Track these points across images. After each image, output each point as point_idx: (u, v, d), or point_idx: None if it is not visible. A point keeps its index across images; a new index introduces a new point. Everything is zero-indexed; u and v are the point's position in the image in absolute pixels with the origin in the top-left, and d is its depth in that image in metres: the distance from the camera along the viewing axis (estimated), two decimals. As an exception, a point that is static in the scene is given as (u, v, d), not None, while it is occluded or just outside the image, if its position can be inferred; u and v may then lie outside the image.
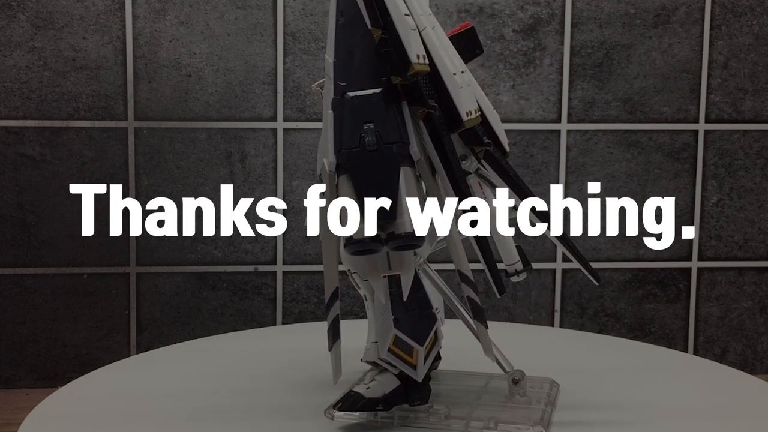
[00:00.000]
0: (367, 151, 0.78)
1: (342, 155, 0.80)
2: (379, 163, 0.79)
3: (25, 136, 2.12)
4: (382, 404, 0.85)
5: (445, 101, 0.82)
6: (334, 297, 0.84)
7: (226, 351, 1.20)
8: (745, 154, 2.30)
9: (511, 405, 0.88)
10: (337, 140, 0.80)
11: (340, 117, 0.81)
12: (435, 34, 0.84)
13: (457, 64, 0.85)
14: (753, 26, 2.27)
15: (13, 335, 2.16)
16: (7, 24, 2.09)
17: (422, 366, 0.84)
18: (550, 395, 0.91)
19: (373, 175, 0.79)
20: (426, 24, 0.83)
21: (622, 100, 2.26)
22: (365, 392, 0.85)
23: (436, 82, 0.83)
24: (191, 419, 0.91)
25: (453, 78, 0.83)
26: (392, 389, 0.85)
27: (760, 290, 2.34)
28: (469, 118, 0.83)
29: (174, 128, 2.15)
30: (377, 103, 0.79)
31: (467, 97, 0.84)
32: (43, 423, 0.90)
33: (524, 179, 0.90)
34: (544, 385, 0.94)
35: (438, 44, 0.83)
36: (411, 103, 0.81)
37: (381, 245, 0.78)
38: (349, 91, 0.81)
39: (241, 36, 2.15)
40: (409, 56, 0.78)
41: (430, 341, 0.85)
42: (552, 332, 1.64)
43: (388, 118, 0.79)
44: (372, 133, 0.78)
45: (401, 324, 0.84)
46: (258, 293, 2.21)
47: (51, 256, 2.15)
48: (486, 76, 2.21)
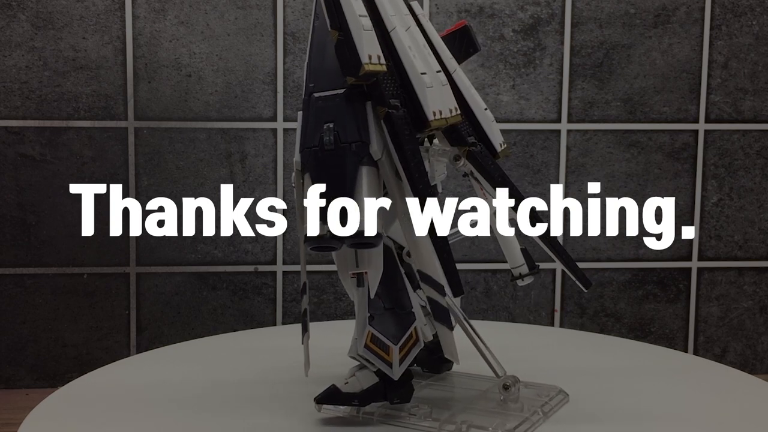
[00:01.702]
0: (325, 150, 0.80)
1: (305, 154, 0.82)
2: (335, 162, 0.80)
3: (25, 136, 2.12)
4: (358, 399, 0.86)
5: (412, 101, 0.83)
6: (302, 292, 0.87)
7: (225, 351, 1.20)
8: (745, 154, 2.30)
9: (500, 411, 0.87)
10: (301, 139, 0.83)
11: (306, 117, 0.83)
12: (409, 35, 0.84)
13: (431, 64, 0.85)
14: (753, 26, 2.27)
15: (13, 335, 2.16)
16: (7, 24, 2.09)
17: (398, 364, 0.84)
18: (547, 405, 0.89)
19: (330, 174, 0.80)
20: (396, 24, 0.84)
21: (622, 100, 2.26)
22: (343, 387, 0.87)
23: (405, 81, 0.83)
24: (191, 419, 0.91)
25: (420, 78, 0.82)
26: (370, 385, 0.86)
27: (760, 290, 2.34)
28: (436, 118, 0.83)
29: (174, 128, 2.15)
30: (338, 104, 0.81)
31: (435, 97, 0.83)
32: (43, 423, 0.90)
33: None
34: (550, 393, 0.92)
35: (407, 44, 0.83)
36: (374, 103, 0.82)
37: (340, 243, 0.79)
38: (315, 91, 0.83)
39: (241, 36, 2.15)
40: (360, 57, 0.78)
41: (408, 340, 0.85)
42: (552, 332, 1.64)
43: (348, 117, 0.80)
44: (330, 133, 0.80)
45: (376, 321, 0.85)
46: (258, 293, 2.20)
47: (51, 256, 2.15)
48: (486, 76, 2.21)
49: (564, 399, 0.92)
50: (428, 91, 0.82)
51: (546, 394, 0.92)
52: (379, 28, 0.83)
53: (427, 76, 0.83)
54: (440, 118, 0.83)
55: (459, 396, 0.93)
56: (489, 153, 0.89)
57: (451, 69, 0.90)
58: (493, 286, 2.27)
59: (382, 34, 0.83)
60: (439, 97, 0.84)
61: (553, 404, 0.90)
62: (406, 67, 0.83)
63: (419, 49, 0.85)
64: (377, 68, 0.79)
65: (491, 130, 0.90)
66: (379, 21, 0.83)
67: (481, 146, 0.89)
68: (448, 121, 0.84)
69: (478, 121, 0.89)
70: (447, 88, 0.85)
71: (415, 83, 0.82)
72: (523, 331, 1.42)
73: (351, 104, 0.81)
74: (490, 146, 0.89)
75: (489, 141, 0.90)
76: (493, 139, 0.90)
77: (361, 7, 0.80)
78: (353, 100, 0.81)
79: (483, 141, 0.89)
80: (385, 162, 0.82)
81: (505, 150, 0.92)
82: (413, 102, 0.82)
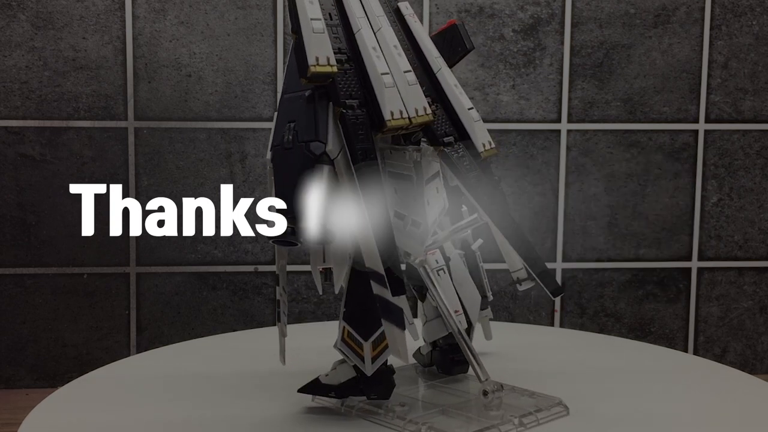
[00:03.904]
0: (285, 148, 0.83)
1: (272, 152, 0.86)
2: (293, 160, 0.83)
3: (25, 136, 2.12)
4: (335, 392, 0.89)
5: (373, 101, 0.84)
6: (277, 283, 0.91)
7: (225, 351, 1.20)
8: (745, 154, 2.30)
9: (475, 417, 0.86)
10: (272, 139, 0.86)
11: (277, 117, 0.86)
12: (379, 36, 0.85)
13: (399, 64, 0.85)
14: (753, 26, 2.27)
15: (13, 335, 2.16)
16: (7, 24, 2.09)
17: (370, 360, 0.86)
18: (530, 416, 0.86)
19: (287, 171, 0.83)
20: (362, 26, 0.85)
21: (622, 100, 2.26)
22: (323, 378, 0.90)
23: (366, 82, 0.84)
24: (191, 418, 0.91)
25: (380, 78, 0.83)
26: (347, 379, 0.89)
27: (760, 290, 2.34)
28: (394, 118, 0.83)
29: (174, 128, 2.15)
30: (301, 104, 0.84)
31: (394, 98, 0.83)
32: (43, 423, 0.91)
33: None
34: (546, 405, 0.90)
35: (371, 45, 0.84)
36: (334, 103, 0.83)
37: (297, 239, 0.82)
38: (286, 92, 0.86)
39: (241, 36, 2.15)
40: (308, 59, 0.80)
41: (383, 338, 0.85)
42: (552, 332, 1.64)
43: (307, 117, 0.83)
44: (290, 132, 0.83)
45: (352, 317, 0.87)
46: (258, 293, 2.20)
47: (51, 256, 2.15)
48: (486, 76, 2.21)
49: (561, 412, 0.89)
50: (386, 92, 0.83)
51: (541, 405, 0.89)
52: (347, 31, 0.85)
53: (388, 77, 0.83)
54: (400, 118, 0.83)
55: (453, 399, 0.93)
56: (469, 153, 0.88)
57: (435, 68, 0.89)
58: (493, 287, 2.27)
59: (348, 36, 0.84)
60: (402, 98, 0.84)
61: (541, 416, 0.88)
62: (367, 67, 0.84)
63: (388, 49, 0.85)
64: (325, 70, 0.81)
65: (473, 129, 0.88)
66: (347, 23, 0.85)
67: (461, 146, 0.87)
68: (412, 121, 0.84)
69: (460, 120, 0.88)
70: (415, 88, 0.85)
71: (375, 84, 0.83)
72: (523, 331, 1.42)
73: (312, 104, 0.83)
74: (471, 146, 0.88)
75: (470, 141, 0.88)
76: (475, 139, 0.88)
77: (316, 11, 0.82)
78: (316, 100, 0.83)
79: (465, 141, 0.88)
80: (340, 161, 0.82)
81: (490, 151, 0.90)
82: (374, 102, 0.83)
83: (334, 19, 0.85)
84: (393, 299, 0.81)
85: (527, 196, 2.25)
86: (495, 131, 2.22)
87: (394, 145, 0.89)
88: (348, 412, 0.90)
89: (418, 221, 0.87)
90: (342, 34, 0.84)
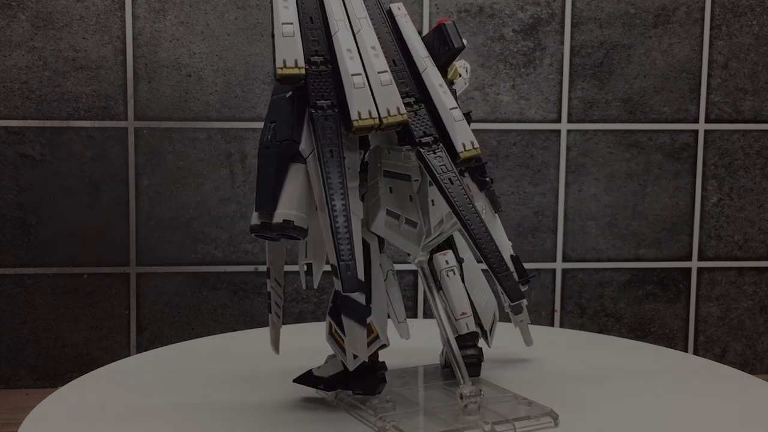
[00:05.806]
0: (265, 147, 0.86)
1: (257, 151, 0.89)
2: (271, 158, 0.86)
3: (25, 136, 2.12)
4: (324, 384, 0.93)
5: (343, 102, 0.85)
6: (267, 276, 0.95)
7: (225, 351, 1.20)
8: (745, 154, 2.30)
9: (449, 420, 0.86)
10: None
11: (265, 117, 0.89)
12: (359, 37, 0.86)
13: (374, 65, 0.85)
14: (753, 26, 2.27)
15: (13, 335, 2.16)
16: (7, 24, 2.09)
17: (352, 356, 0.87)
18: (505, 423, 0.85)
19: (265, 169, 0.86)
20: (339, 28, 0.86)
21: (622, 100, 2.26)
22: (315, 371, 0.94)
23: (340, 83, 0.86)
24: (191, 418, 0.91)
25: (350, 79, 0.84)
26: (335, 373, 0.92)
27: (760, 290, 2.34)
28: (361, 118, 0.84)
29: (174, 128, 2.15)
30: (281, 105, 0.87)
31: (363, 98, 0.84)
32: (43, 423, 0.91)
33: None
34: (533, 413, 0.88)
35: (346, 47, 0.86)
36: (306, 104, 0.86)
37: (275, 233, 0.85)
38: (274, 94, 0.89)
39: (241, 36, 2.15)
40: (276, 61, 0.84)
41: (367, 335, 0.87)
42: (552, 332, 1.64)
43: (285, 117, 0.86)
44: (270, 132, 0.86)
45: (334, 312, 0.89)
46: (258, 293, 2.20)
47: (51, 256, 2.15)
48: (486, 76, 2.21)
49: (547, 422, 0.87)
50: (355, 92, 0.84)
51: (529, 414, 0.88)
52: (327, 33, 0.87)
53: (359, 77, 0.84)
54: (369, 118, 0.84)
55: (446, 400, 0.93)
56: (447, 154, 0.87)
57: (421, 68, 0.89)
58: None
59: (329, 39, 0.87)
60: (375, 98, 0.85)
61: (521, 425, 0.86)
62: (340, 68, 0.85)
63: (365, 50, 0.86)
64: (293, 72, 0.84)
65: (453, 129, 0.87)
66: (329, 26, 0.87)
67: (440, 146, 0.87)
68: (383, 122, 0.84)
69: (442, 121, 0.88)
70: (389, 89, 0.85)
71: (345, 84, 0.85)
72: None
73: (291, 105, 0.86)
74: (451, 146, 0.87)
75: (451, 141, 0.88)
76: (455, 140, 0.87)
77: (289, 15, 0.85)
78: (295, 101, 0.86)
79: (445, 141, 0.88)
80: (311, 160, 0.84)
81: (471, 151, 0.88)
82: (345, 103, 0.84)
83: (315, 21, 0.87)
84: (354, 295, 0.83)
85: (527, 196, 2.25)
86: (495, 131, 2.22)
87: (393, 145, 0.89)
88: (337, 404, 0.93)
89: (413, 221, 0.87)
90: (322, 37, 0.86)
